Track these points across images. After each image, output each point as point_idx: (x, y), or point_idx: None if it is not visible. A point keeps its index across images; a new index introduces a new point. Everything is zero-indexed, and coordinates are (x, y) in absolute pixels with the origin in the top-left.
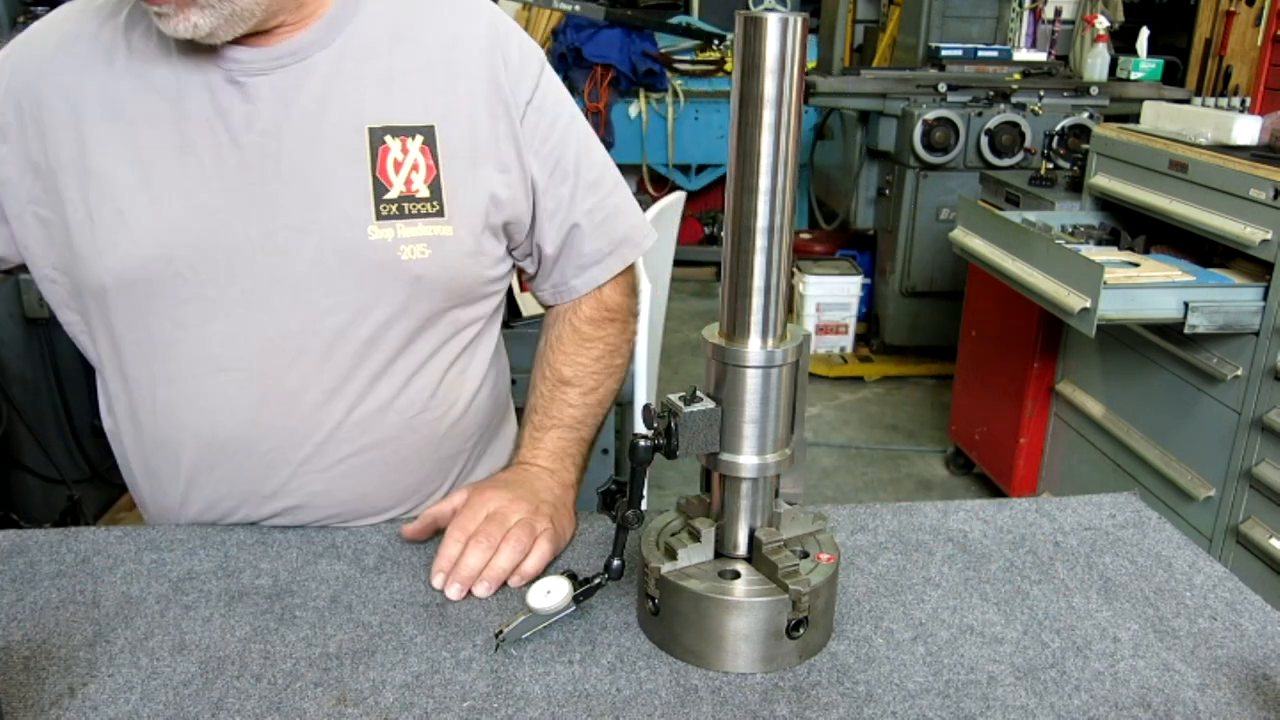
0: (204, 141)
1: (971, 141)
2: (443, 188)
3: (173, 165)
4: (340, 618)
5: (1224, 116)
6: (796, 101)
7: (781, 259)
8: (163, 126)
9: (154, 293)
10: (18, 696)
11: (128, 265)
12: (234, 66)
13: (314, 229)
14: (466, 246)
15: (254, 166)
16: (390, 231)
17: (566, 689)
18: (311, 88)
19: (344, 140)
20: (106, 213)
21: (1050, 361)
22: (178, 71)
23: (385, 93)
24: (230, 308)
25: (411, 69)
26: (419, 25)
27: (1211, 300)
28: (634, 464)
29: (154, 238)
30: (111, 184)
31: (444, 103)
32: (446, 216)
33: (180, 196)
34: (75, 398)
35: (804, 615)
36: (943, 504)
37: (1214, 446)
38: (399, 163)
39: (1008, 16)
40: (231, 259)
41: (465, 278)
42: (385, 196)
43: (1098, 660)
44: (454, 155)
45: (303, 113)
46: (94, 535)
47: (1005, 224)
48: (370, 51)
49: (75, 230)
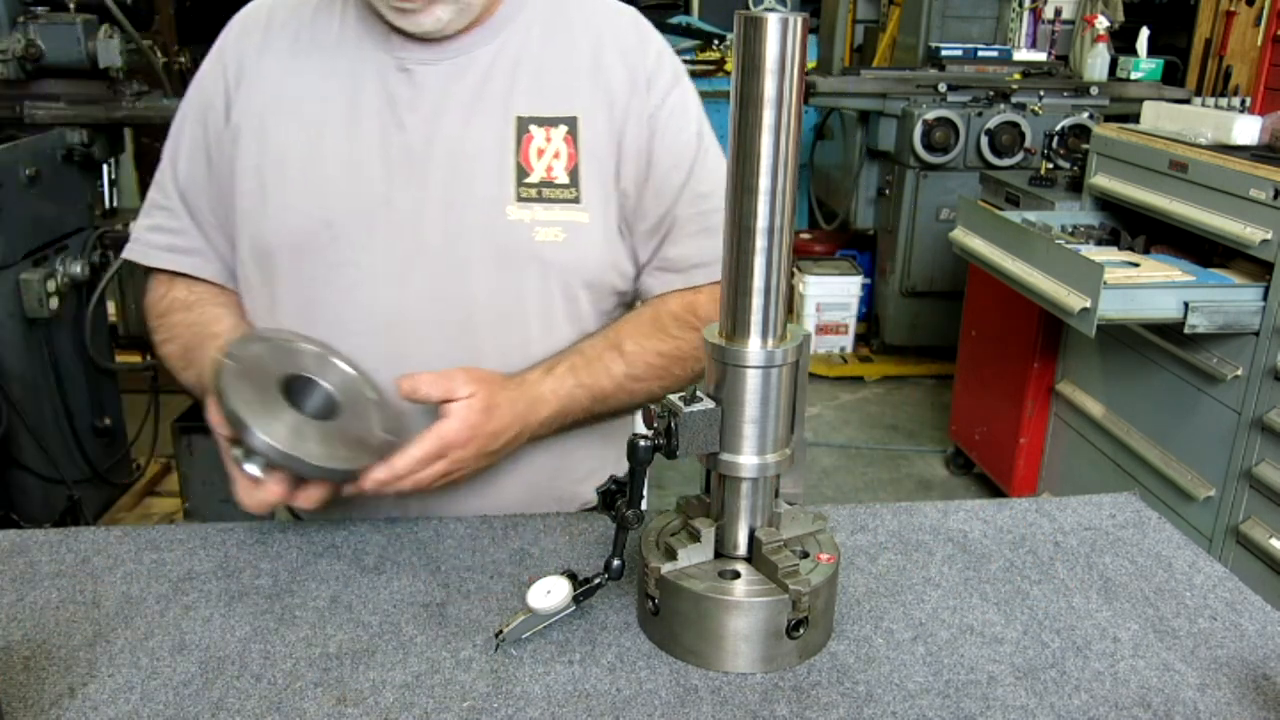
0: (371, 121)
1: (971, 141)
2: (581, 176)
3: (341, 138)
4: (340, 618)
5: (1224, 116)
6: (796, 102)
7: (781, 259)
8: (336, 104)
9: (312, 256)
10: (18, 696)
11: (293, 229)
12: (405, 55)
13: (457, 205)
14: (599, 234)
15: (414, 147)
16: (528, 213)
17: (566, 689)
18: (469, 79)
19: (493, 126)
20: (275, 177)
21: (1050, 361)
22: (354, 57)
23: (534, 85)
24: (375, 275)
25: (560, 64)
26: (572, 24)
27: (1211, 300)
28: (634, 464)
29: (318, 203)
30: (285, 153)
31: (587, 97)
32: (583, 204)
33: (345, 167)
34: (75, 398)
35: (804, 615)
36: (943, 504)
37: (1214, 446)
38: (541, 150)
39: (1008, 16)
40: (385, 230)
41: (595, 265)
42: (526, 180)
43: (1098, 660)
44: (594, 147)
45: (459, 101)
46: (94, 535)
47: (1005, 224)
48: (525, 48)
49: (246, 195)
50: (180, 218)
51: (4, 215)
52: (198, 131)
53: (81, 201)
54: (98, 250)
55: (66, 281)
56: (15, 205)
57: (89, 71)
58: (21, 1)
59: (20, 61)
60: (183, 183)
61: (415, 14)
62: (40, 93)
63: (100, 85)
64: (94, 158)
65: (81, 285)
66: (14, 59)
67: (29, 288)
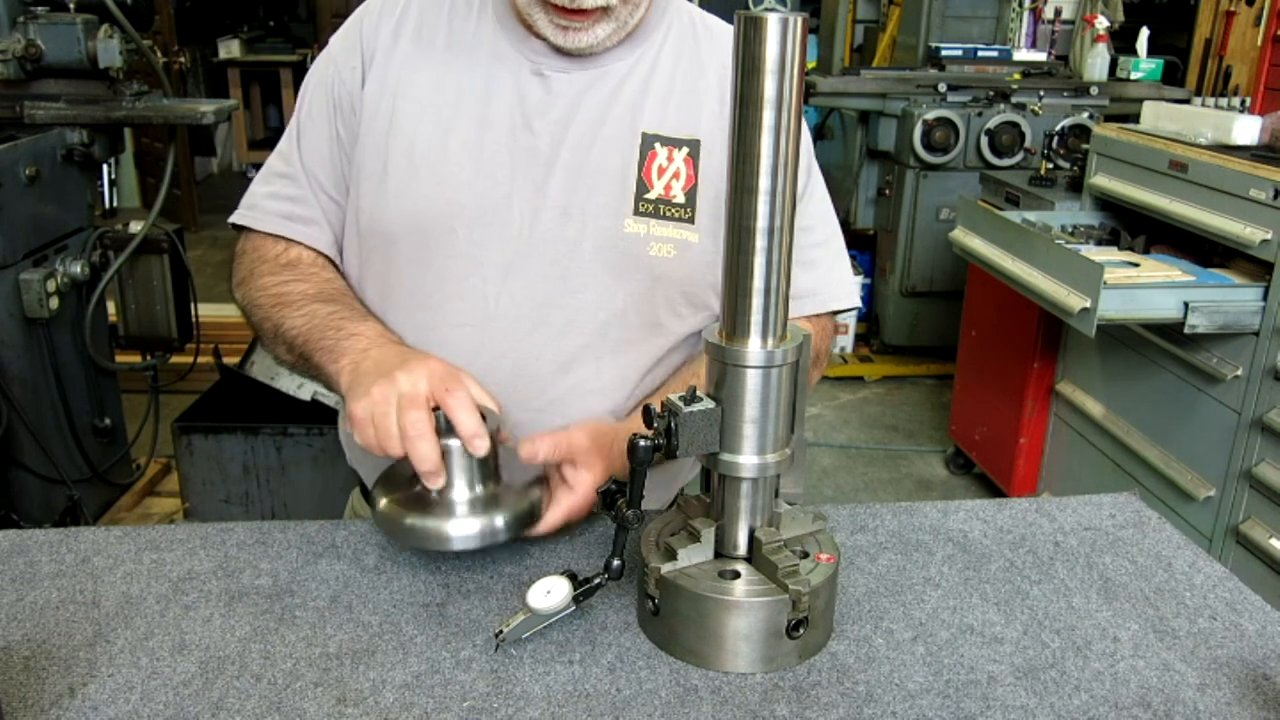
0: (502, 119)
1: (971, 141)
2: (697, 198)
3: (470, 133)
4: (340, 618)
5: (1224, 116)
6: (796, 102)
7: (781, 259)
8: (468, 99)
9: (430, 245)
10: (18, 696)
11: (411, 214)
12: (541, 61)
13: (577, 214)
14: (708, 254)
15: (540, 150)
16: (644, 227)
17: (566, 689)
18: (602, 91)
19: (619, 141)
20: (400, 162)
21: (1050, 361)
22: (490, 56)
23: (662, 106)
24: (489, 271)
25: (689, 88)
26: (701, 51)
27: (1211, 300)
28: (634, 464)
29: (441, 193)
30: (412, 139)
31: (711, 123)
32: (696, 224)
33: (471, 161)
34: (75, 398)
35: (804, 615)
36: (943, 504)
37: (1214, 446)
38: (663, 169)
39: (1008, 16)
40: (502, 226)
41: (700, 282)
42: (645, 196)
43: (1098, 660)
44: (712, 171)
45: (589, 111)
46: (94, 535)
47: (1005, 224)
48: (657, 68)
49: (366, 175)
50: (301, 186)
51: (4, 215)
52: (326, 105)
53: (81, 201)
54: (98, 250)
55: (66, 281)
56: (15, 205)
57: (89, 71)
58: (22, 1)
59: (20, 61)
60: (306, 154)
61: (577, 32)
62: (40, 93)
63: (100, 85)
64: (94, 158)
65: (81, 285)
66: (14, 59)
67: (29, 288)
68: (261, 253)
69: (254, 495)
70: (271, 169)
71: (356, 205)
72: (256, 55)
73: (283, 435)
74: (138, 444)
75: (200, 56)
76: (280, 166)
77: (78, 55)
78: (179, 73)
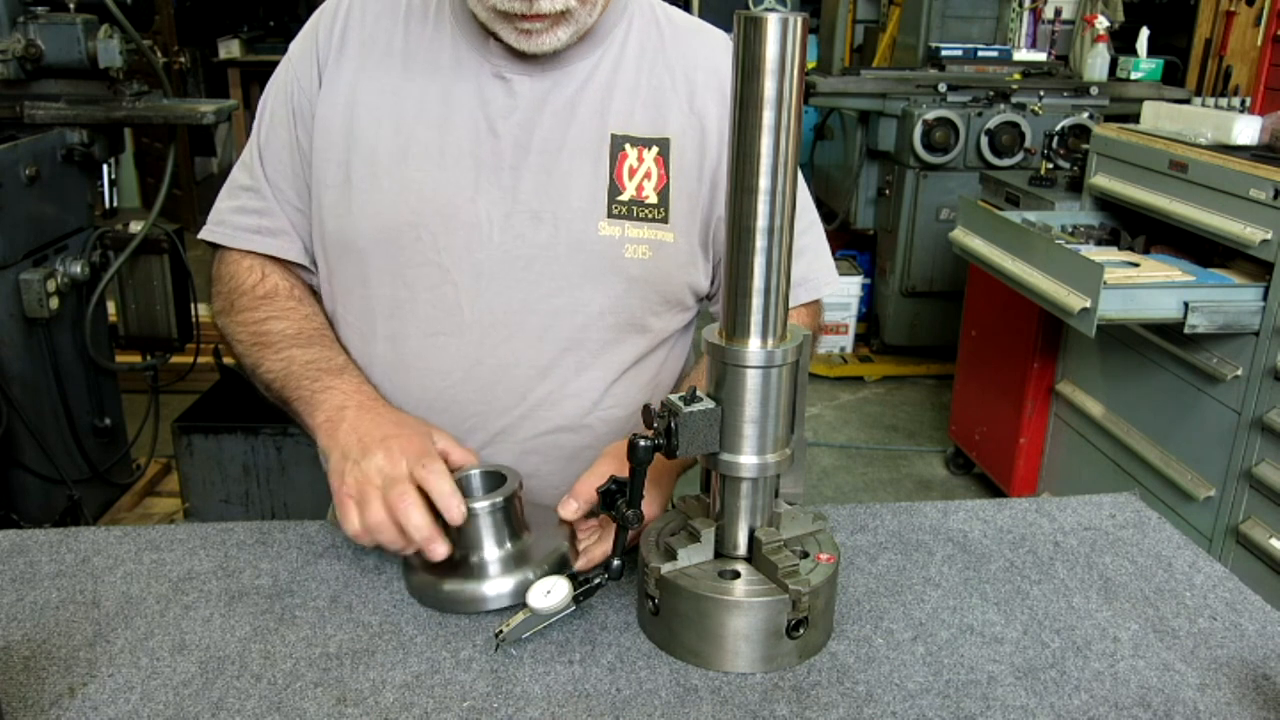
0: (464, 123)
1: (971, 141)
2: (670, 197)
3: (432, 140)
4: (340, 618)
5: (1224, 116)
6: (796, 102)
7: (781, 259)
8: (430, 105)
9: (397, 254)
10: (18, 696)
11: (376, 224)
12: (502, 64)
13: (549, 218)
14: (683, 253)
15: (504, 153)
16: (618, 230)
17: (566, 689)
18: (566, 92)
19: (588, 142)
20: (362, 172)
21: (1050, 361)
22: (451, 62)
23: (629, 106)
24: (460, 278)
25: (656, 86)
26: (668, 48)
27: (1211, 300)
28: (634, 464)
29: (405, 203)
30: (373, 147)
31: (681, 121)
32: (670, 223)
33: (435, 168)
34: (75, 398)
35: (804, 615)
36: (943, 504)
37: (1214, 446)
38: (634, 169)
39: (1008, 16)
40: (470, 233)
41: (676, 282)
42: (618, 198)
43: (1098, 660)
44: (683, 169)
45: (555, 113)
46: (94, 535)
47: (1005, 224)
48: (620, 66)
49: (328, 186)
50: (267, 199)
51: (4, 215)
52: (285, 113)
53: (81, 201)
54: (98, 250)
55: (66, 281)
56: (15, 205)
57: (89, 71)
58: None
59: (20, 61)
60: (269, 165)
61: (538, 35)
62: (40, 93)
63: (100, 85)
64: (94, 158)
65: (81, 285)
66: (14, 59)
67: (29, 288)
68: (238, 281)
69: (254, 495)
70: (236, 182)
71: (320, 216)
72: (256, 55)
73: (283, 435)
74: (138, 444)
75: (200, 56)
76: (244, 179)
77: (78, 55)
78: (179, 73)
